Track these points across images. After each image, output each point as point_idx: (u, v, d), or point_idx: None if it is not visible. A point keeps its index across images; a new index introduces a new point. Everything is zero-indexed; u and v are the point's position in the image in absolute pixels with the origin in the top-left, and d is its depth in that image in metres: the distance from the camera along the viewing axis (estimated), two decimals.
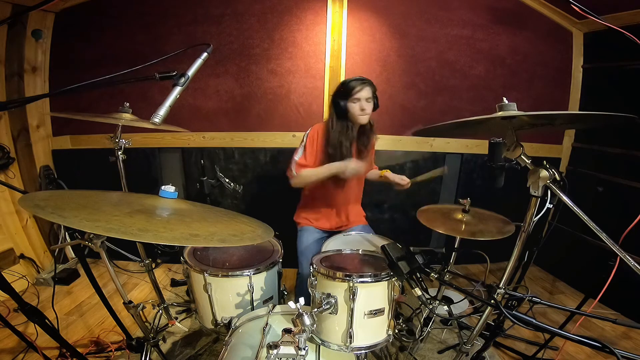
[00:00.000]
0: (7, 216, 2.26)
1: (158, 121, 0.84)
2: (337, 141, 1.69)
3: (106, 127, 1.61)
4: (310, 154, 1.72)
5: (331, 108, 1.73)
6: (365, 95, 1.64)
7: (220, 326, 1.37)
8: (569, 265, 2.59)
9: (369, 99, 1.66)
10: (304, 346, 0.94)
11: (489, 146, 1.02)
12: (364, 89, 1.63)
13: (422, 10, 2.45)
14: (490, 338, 1.29)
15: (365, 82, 1.65)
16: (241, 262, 1.45)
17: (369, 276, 1.10)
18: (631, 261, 0.78)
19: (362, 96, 1.64)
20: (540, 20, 2.54)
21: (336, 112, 1.70)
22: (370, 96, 1.66)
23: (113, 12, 2.41)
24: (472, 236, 1.51)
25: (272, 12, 2.39)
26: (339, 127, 1.70)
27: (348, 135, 1.70)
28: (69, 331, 1.87)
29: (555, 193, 0.90)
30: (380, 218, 2.73)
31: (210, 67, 2.43)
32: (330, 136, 1.71)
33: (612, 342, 1.84)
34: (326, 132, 1.73)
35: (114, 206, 0.98)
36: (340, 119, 1.70)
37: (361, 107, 1.65)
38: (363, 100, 1.64)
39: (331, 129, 1.71)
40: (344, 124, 1.70)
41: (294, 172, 1.70)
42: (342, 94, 1.67)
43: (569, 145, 2.76)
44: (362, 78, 1.66)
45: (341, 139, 1.69)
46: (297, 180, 1.71)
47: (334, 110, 1.71)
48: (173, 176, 2.67)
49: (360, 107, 1.65)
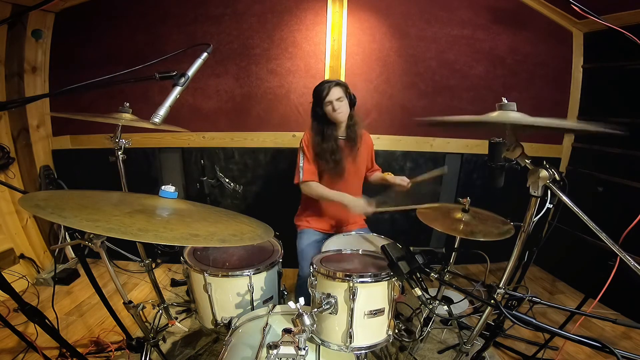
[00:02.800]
0: (7, 216, 2.26)
1: (158, 121, 0.84)
2: (320, 140, 1.75)
3: (106, 127, 1.61)
4: (307, 166, 1.79)
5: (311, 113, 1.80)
6: (334, 96, 1.70)
7: (220, 326, 1.37)
8: (569, 265, 2.59)
9: (340, 98, 1.71)
10: (304, 346, 0.94)
11: (489, 146, 1.02)
12: (332, 91, 1.69)
13: (423, 10, 2.45)
14: (490, 338, 1.28)
15: (331, 83, 1.71)
16: (241, 262, 1.45)
17: (369, 276, 1.10)
18: (631, 261, 0.78)
19: (332, 97, 1.70)
20: (540, 20, 2.55)
21: (314, 117, 1.78)
22: (340, 95, 1.71)
23: (113, 12, 2.41)
24: (471, 236, 1.51)
25: (272, 12, 2.39)
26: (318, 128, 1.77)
27: (329, 134, 1.76)
28: (69, 331, 1.87)
29: (555, 193, 0.90)
30: (380, 218, 2.73)
31: (210, 67, 2.43)
32: (314, 138, 1.78)
33: (612, 342, 1.84)
34: (311, 134, 1.80)
35: (114, 206, 0.98)
36: (317, 120, 1.77)
37: (333, 107, 1.71)
38: (334, 101, 1.70)
39: (312, 131, 1.78)
40: (321, 125, 1.76)
41: (302, 178, 1.76)
42: (316, 101, 1.74)
43: (569, 145, 2.76)
44: (329, 80, 1.74)
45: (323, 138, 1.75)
46: (307, 189, 1.78)
47: (312, 116, 1.79)
48: (173, 176, 2.67)
49: (333, 108, 1.71)
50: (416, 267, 1.10)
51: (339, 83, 1.72)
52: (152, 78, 0.88)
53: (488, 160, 1.02)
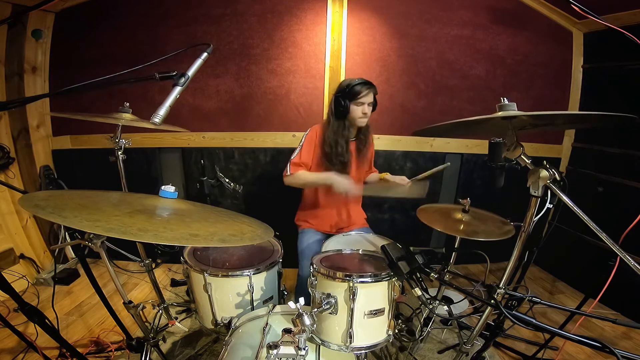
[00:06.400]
0: (7, 216, 2.26)
1: (158, 121, 0.84)
2: (333, 140, 1.71)
3: (106, 127, 1.61)
4: (305, 153, 1.75)
5: (331, 106, 1.74)
6: (368, 100, 1.68)
7: (220, 326, 1.37)
8: (569, 265, 2.59)
9: (371, 103, 1.70)
10: (304, 346, 0.94)
11: (489, 146, 1.02)
12: (369, 94, 1.67)
13: (423, 10, 2.45)
14: (490, 338, 1.28)
15: (371, 87, 1.68)
16: (241, 262, 1.45)
17: (369, 276, 1.10)
18: (631, 261, 0.78)
19: (366, 101, 1.67)
20: (540, 20, 2.55)
21: (335, 111, 1.71)
22: (372, 100, 1.70)
23: (113, 12, 2.41)
24: (471, 236, 1.51)
25: (272, 12, 2.39)
26: (335, 126, 1.72)
27: (344, 134, 1.72)
28: (69, 331, 1.87)
29: (555, 193, 0.90)
30: (380, 218, 2.73)
31: (210, 67, 2.43)
32: (327, 135, 1.73)
33: (612, 342, 1.84)
34: (324, 131, 1.75)
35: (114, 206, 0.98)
36: (338, 118, 1.72)
37: (363, 110, 1.68)
38: (366, 105, 1.68)
39: (328, 128, 1.73)
40: (341, 123, 1.72)
41: (289, 172, 1.72)
42: (347, 95, 1.67)
43: (569, 145, 2.76)
44: (368, 83, 1.68)
45: (337, 137, 1.71)
46: (290, 179, 1.73)
47: (334, 109, 1.72)
48: (173, 176, 2.67)
49: (362, 111, 1.68)
50: (416, 267, 1.11)
51: (375, 88, 1.69)
52: (152, 78, 0.87)
53: (488, 160, 1.02)
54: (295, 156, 1.75)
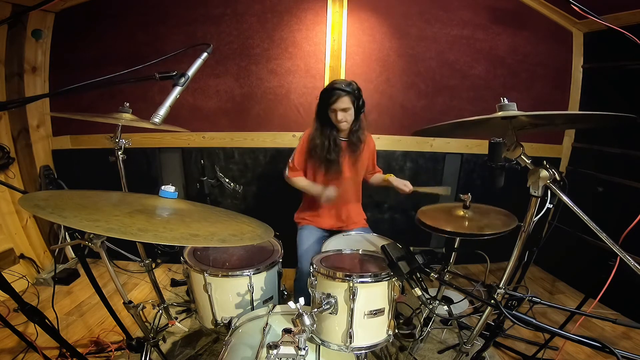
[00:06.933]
0: (7, 216, 2.26)
1: (158, 121, 0.84)
2: (320, 140, 1.73)
3: (106, 127, 1.61)
4: (298, 157, 1.79)
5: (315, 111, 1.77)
6: (341, 106, 1.63)
7: (220, 326, 1.37)
8: (569, 265, 2.59)
9: (346, 109, 1.65)
10: (304, 346, 0.94)
11: (489, 146, 1.02)
12: (340, 100, 1.62)
13: (423, 10, 2.44)
14: (490, 338, 1.28)
15: (342, 92, 1.61)
16: (241, 262, 1.45)
17: (369, 276, 1.10)
18: (631, 261, 0.78)
19: (338, 107, 1.64)
20: (540, 20, 2.54)
21: (318, 117, 1.74)
22: (347, 106, 1.64)
23: (113, 12, 2.41)
24: (480, 231, 1.50)
25: (272, 12, 2.39)
26: (320, 127, 1.74)
27: (330, 135, 1.72)
28: (69, 331, 1.87)
29: (555, 193, 0.90)
30: (380, 218, 2.73)
31: (210, 67, 2.43)
32: (312, 135, 1.76)
33: (612, 342, 1.84)
34: (310, 132, 1.78)
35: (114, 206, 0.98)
36: (321, 120, 1.74)
37: (336, 117, 1.66)
38: (339, 111, 1.65)
39: (313, 129, 1.76)
40: (325, 125, 1.73)
41: (287, 174, 1.82)
42: (321, 103, 1.70)
43: (569, 145, 2.76)
44: (342, 87, 1.63)
45: (323, 139, 1.72)
46: (289, 181, 1.84)
47: (316, 115, 1.75)
48: (173, 176, 2.67)
49: (336, 118, 1.67)
50: (416, 267, 1.11)
51: (350, 92, 1.62)
52: (152, 78, 0.87)
53: (488, 160, 1.02)
54: (291, 159, 1.81)
